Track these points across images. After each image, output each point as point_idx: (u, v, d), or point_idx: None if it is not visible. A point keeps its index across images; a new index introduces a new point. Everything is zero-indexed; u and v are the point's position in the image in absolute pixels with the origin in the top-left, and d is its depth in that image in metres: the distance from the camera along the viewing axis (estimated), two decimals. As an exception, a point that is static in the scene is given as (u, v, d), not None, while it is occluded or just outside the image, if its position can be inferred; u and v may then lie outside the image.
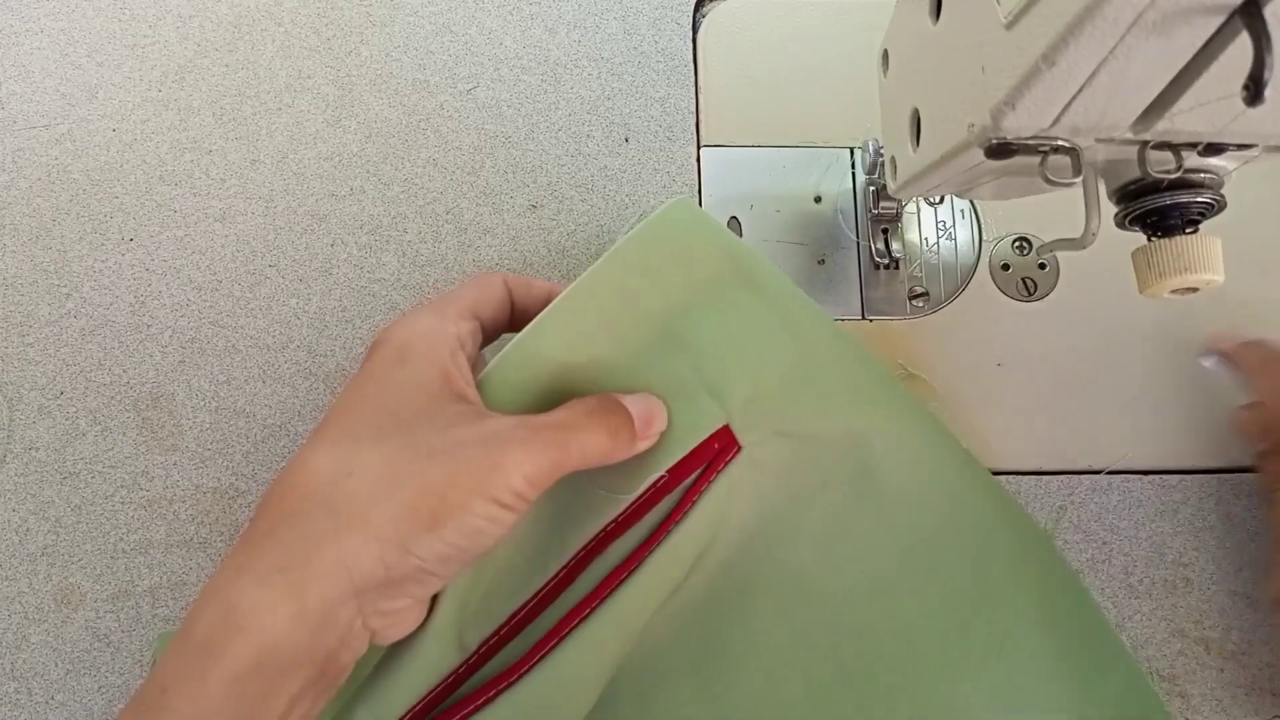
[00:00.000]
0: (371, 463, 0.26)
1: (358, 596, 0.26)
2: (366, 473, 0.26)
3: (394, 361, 0.29)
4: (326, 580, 0.25)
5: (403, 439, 0.27)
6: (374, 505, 0.26)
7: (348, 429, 0.28)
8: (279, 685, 0.25)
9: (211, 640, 0.24)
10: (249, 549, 0.26)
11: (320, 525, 0.26)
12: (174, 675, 0.24)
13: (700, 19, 0.47)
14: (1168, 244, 0.25)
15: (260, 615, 0.24)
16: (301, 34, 0.46)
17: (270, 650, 0.24)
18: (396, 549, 0.25)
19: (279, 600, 0.25)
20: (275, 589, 0.25)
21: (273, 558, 0.25)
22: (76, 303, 0.42)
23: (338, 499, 0.26)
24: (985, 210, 0.44)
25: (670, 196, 0.44)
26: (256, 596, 0.25)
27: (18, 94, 0.44)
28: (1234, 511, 0.40)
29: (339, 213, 0.43)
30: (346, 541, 0.25)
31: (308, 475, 0.27)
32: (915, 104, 0.30)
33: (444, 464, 0.26)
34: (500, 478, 0.26)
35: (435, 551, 0.26)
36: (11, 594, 0.38)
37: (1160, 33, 0.19)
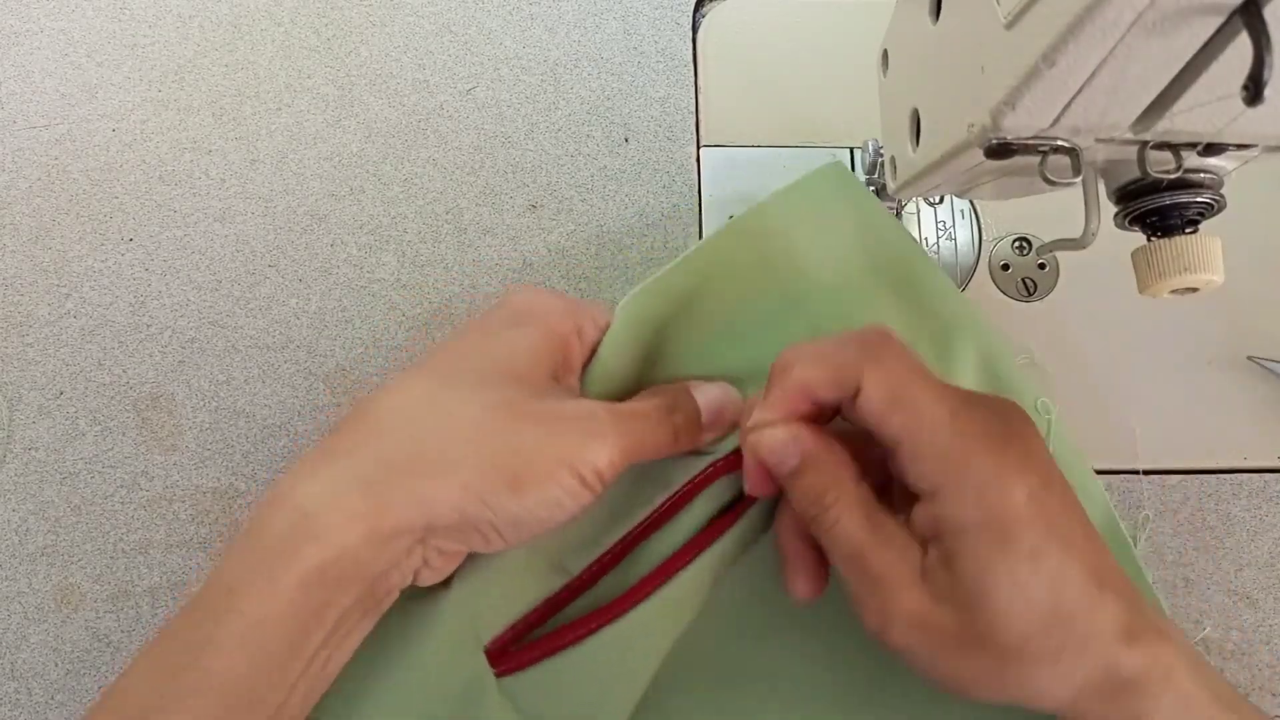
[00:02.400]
0: (469, 409, 0.27)
1: (425, 531, 0.26)
2: (463, 418, 0.27)
3: (509, 321, 0.30)
4: (404, 508, 0.25)
5: (503, 394, 0.28)
6: (465, 452, 0.26)
7: (451, 370, 0.28)
8: (336, 597, 0.25)
9: (284, 544, 0.25)
10: (329, 459, 0.26)
11: (408, 454, 0.26)
12: (242, 575, 0.25)
13: (700, 19, 0.47)
14: (1167, 244, 0.25)
15: (335, 526, 0.25)
16: (301, 34, 0.46)
17: (337, 561, 0.25)
18: (476, 500, 0.26)
19: (355, 516, 0.25)
20: (353, 504, 0.25)
21: (355, 473, 0.26)
22: (76, 303, 0.42)
23: (431, 436, 0.26)
24: (985, 210, 0.44)
25: (670, 196, 0.44)
26: (333, 508, 0.25)
27: (18, 94, 0.44)
28: (1234, 511, 0.40)
29: (339, 213, 0.43)
30: (431, 479, 0.26)
31: (405, 402, 0.27)
32: (915, 104, 0.30)
33: (538, 430, 0.27)
34: (589, 455, 0.27)
35: (510, 512, 0.26)
36: (11, 594, 0.38)
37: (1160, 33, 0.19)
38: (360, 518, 0.25)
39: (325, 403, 0.41)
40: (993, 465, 0.25)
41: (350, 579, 0.25)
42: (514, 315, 0.31)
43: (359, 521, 0.25)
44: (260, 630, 0.24)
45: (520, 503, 0.26)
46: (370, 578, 0.26)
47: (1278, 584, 0.39)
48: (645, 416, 0.30)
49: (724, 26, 0.47)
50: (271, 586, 0.24)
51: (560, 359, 0.31)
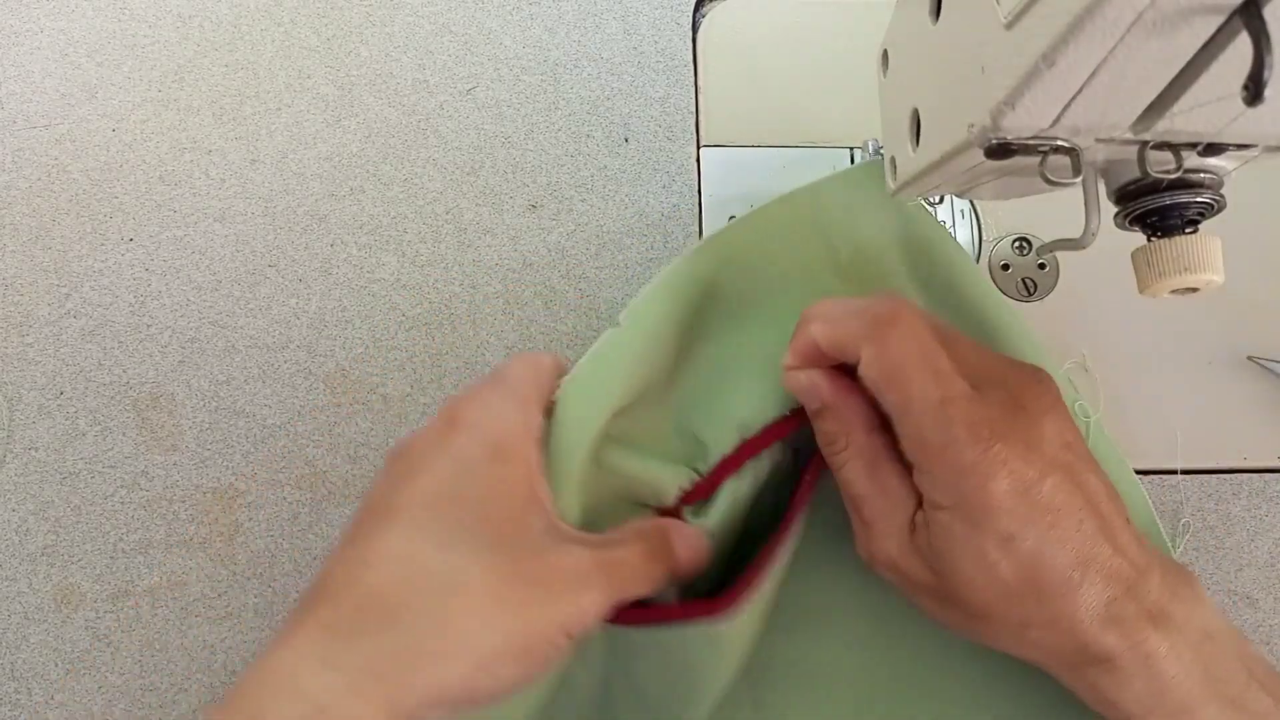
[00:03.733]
0: (475, 576, 0.26)
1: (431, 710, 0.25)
2: (470, 591, 0.26)
3: (487, 458, 0.29)
4: (420, 697, 0.25)
5: (503, 555, 0.27)
6: (483, 633, 0.26)
7: (446, 522, 0.27)
8: None
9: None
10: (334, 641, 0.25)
11: (420, 637, 0.25)
12: None
13: (700, 19, 0.47)
14: (1167, 244, 0.25)
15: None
16: (301, 34, 0.46)
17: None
18: (488, 677, 0.26)
19: (375, 713, 0.24)
20: (371, 700, 0.24)
21: (368, 658, 0.25)
22: (76, 303, 0.42)
23: (441, 612, 0.26)
24: (985, 210, 0.44)
25: (670, 196, 0.44)
26: (350, 703, 0.24)
27: (18, 94, 0.44)
28: (1234, 511, 0.40)
29: (339, 213, 0.43)
30: (445, 663, 0.25)
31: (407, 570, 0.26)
32: (915, 104, 0.30)
33: (542, 596, 0.27)
34: (579, 615, 0.27)
35: (513, 678, 0.26)
36: (11, 594, 0.38)
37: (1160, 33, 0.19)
38: (380, 711, 0.24)
39: (325, 403, 0.41)
40: (973, 455, 0.26)
41: None
42: (490, 450, 0.29)
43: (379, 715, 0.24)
44: None
45: (524, 669, 0.26)
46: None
47: (1278, 584, 0.39)
48: (630, 567, 0.29)
49: (724, 26, 0.47)
50: None
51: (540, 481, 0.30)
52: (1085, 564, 0.26)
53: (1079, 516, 0.27)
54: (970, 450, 0.26)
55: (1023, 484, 0.26)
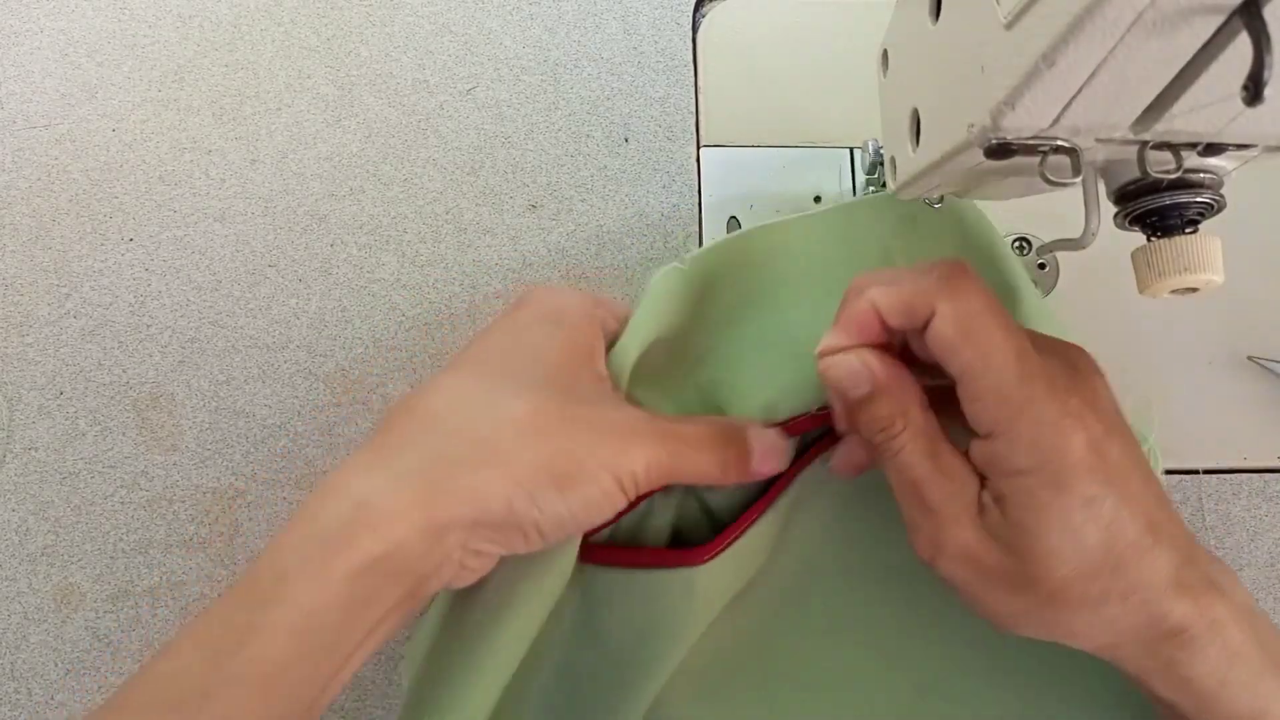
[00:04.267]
0: (520, 407, 0.27)
1: (473, 528, 0.26)
2: (514, 414, 0.27)
3: (548, 319, 0.31)
4: (458, 501, 0.25)
5: (551, 393, 0.28)
6: (517, 449, 0.26)
7: (499, 366, 0.29)
8: (384, 592, 0.25)
9: (339, 532, 0.24)
10: (383, 452, 0.26)
11: (461, 448, 0.26)
12: (294, 562, 0.24)
13: (700, 19, 0.47)
14: (1167, 244, 0.25)
15: (392, 516, 0.25)
16: (301, 34, 0.46)
17: (391, 554, 0.25)
18: (525, 497, 0.26)
19: (412, 506, 0.25)
20: (410, 495, 0.25)
21: (411, 465, 0.26)
22: (76, 303, 0.42)
23: (483, 431, 0.27)
24: (985, 210, 0.44)
25: (670, 196, 0.44)
26: (392, 497, 0.25)
27: (18, 94, 0.44)
28: (1234, 511, 0.40)
29: (339, 213, 0.43)
30: (485, 473, 0.26)
31: (456, 398, 0.28)
32: (915, 104, 0.30)
33: (585, 431, 0.27)
34: (628, 462, 0.27)
35: (555, 510, 0.27)
36: (11, 594, 0.38)
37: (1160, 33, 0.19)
38: (417, 507, 0.25)
39: (325, 402, 0.41)
40: (1054, 411, 0.25)
41: (401, 573, 0.25)
42: (551, 313, 0.31)
43: (415, 511, 0.25)
44: (310, 620, 0.24)
45: (564, 501, 0.27)
46: (417, 575, 0.26)
47: (1278, 584, 0.39)
48: (691, 439, 0.30)
49: (724, 26, 0.47)
50: (324, 575, 0.24)
51: (591, 355, 0.31)
52: (1155, 529, 0.26)
53: (1143, 479, 0.26)
54: (1050, 405, 0.25)
55: (1096, 442, 0.26)
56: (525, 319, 0.31)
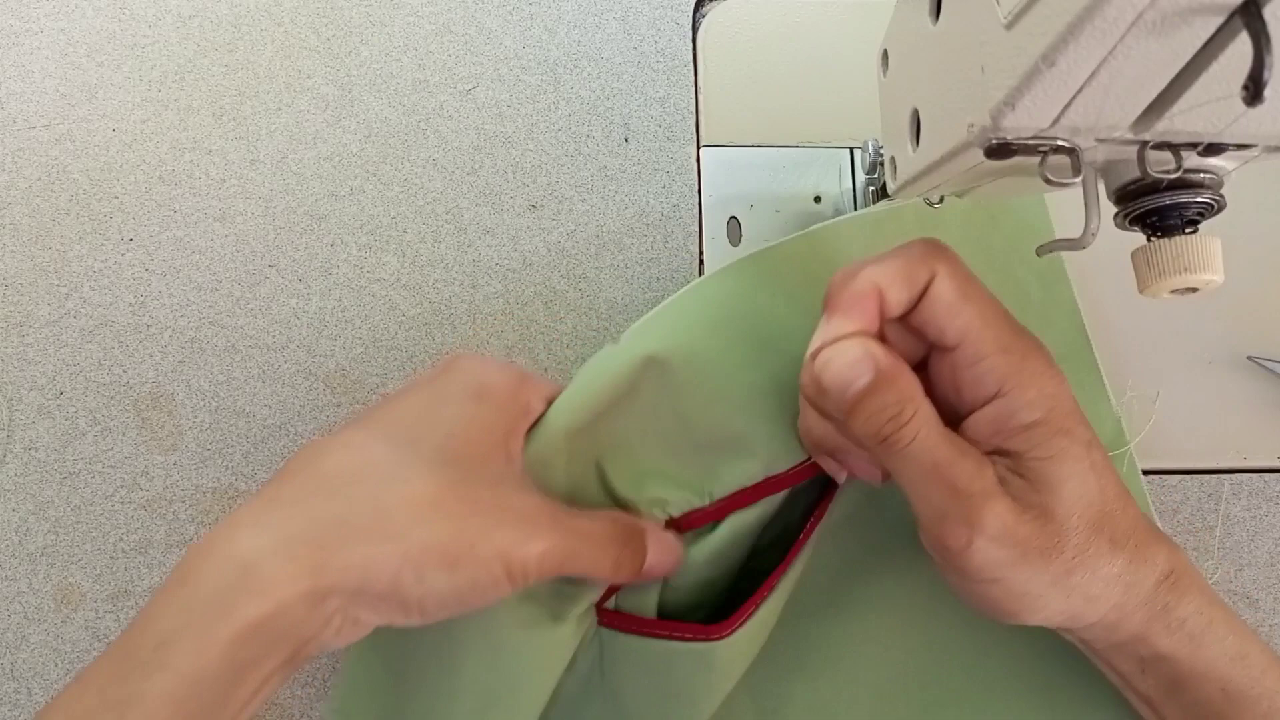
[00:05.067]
0: (423, 482, 0.27)
1: (356, 597, 0.26)
2: (416, 490, 0.26)
3: (469, 395, 0.30)
4: (345, 571, 0.25)
5: (457, 472, 0.27)
6: (413, 525, 0.26)
7: (409, 435, 0.28)
8: (267, 656, 0.24)
9: (221, 596, 0.24)
10: (271, 509, 0.26)
11: (357, 518, 0.26)
12: (173, 628, 0.23)
13: (700, 19, 0.47)
14: (1167, 244, 0.25)
15: (276, 580, 0.24)
16: (301, 34, 0.46)
17: (274, 618, 0.24)
18: (413, 574, 0.26)
19: (299, 574, 0.24)
20: (297, 560, 0.24)
21: (300, 526, 0.25)
22: (76, 303, 0.42)
23: (380, 500, 0.26)
24: (985, 210, 0.44)
25: (670, 196, 0.44)
26: (278, 562, 0.24)
27: (18, 94, 0.44)
28: (1234, 511, 0.40)
29: (339, 213, 0.43)
30: (377, 547, 0.25)
31: (360, 462, 0.27)
32: (915, 104, 0.30)
33: (485, 515, 0.27)
34: (522, 552, 0.27)
35: (439, 590, 0.26)
36: (11, 594, 0.38)
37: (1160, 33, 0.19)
38: (302, 575, 0.24)
39: (325, 402, 0.41)
40: (1046, 361, 0.27)
41: (282, 638, 0.24)
42: (466, 387, 0.30)
43: (301, 579, 0.24)
44: (191, 688, 0.23)
45: (450, 581, 0.26)
46: (300, 638, 0.25)
47: (1278, 584, 0.39)
48: (588, 535, 0.29)
49: (724, 26, 0.47)
50: (205, 641, 0.23)
51: (507, 436, 0.30)
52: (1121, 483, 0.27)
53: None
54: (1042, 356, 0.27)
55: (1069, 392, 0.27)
56: (448, 390, 0.30)
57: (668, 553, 0.32)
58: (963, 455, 0.26)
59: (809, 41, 0.46)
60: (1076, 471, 0.26)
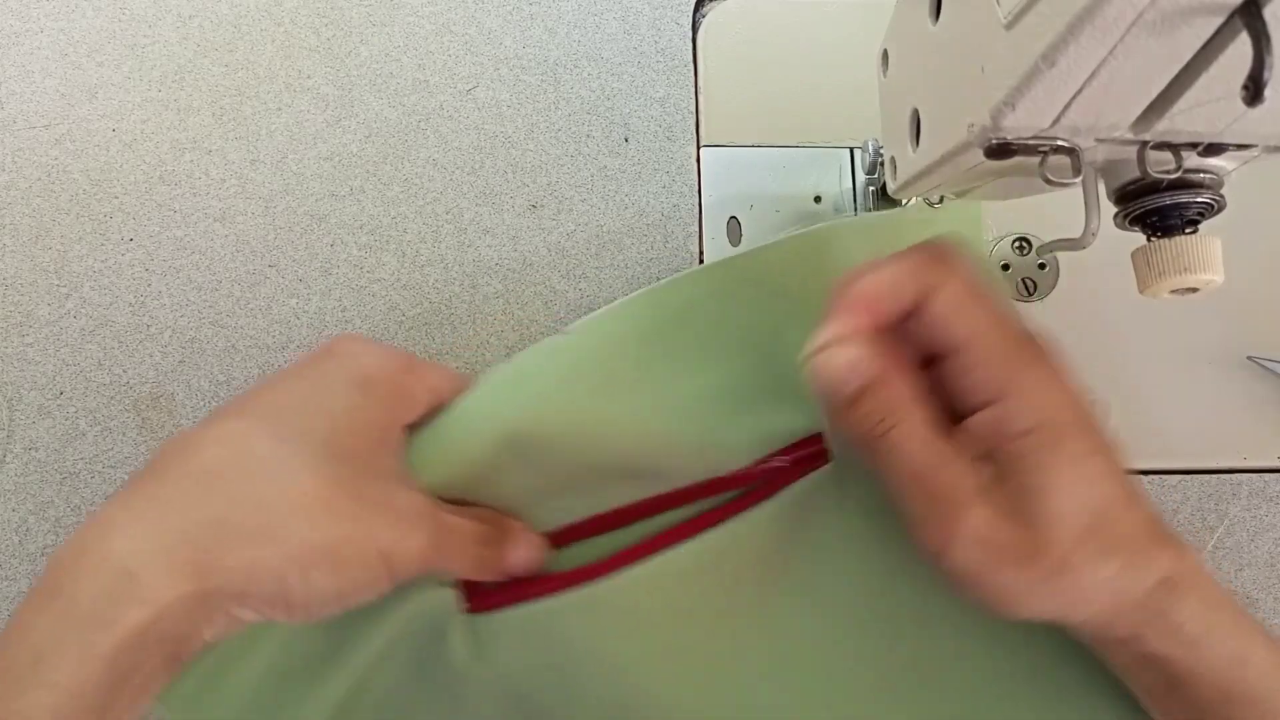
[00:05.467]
0: (308, 481, 0.26)
1: (240, 598, 0.25)
2: (302, 489, 0.26)
3: (353, 383, 0.29)
4: (228, 574, 0.25)
5: (348, 470, 0.27)
6: (299, 526, 0.25)
7: (293, 426, 0.27)
8: (148, 661, 0.24)
9: (102, 606, 0.23)
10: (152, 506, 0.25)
11: (240, 518, 0.25)
12: (52, 641, 0.23)
13: (700, 19, 0.47)
14: (1167, 244, 0.25)
15: (160, 589, 0.23)
16: (301, 34, 0.46)
17: (154, 623, 0.23)
18: (299, 575, 0.25)
19: (181, 579, 0.24)
20: (179, 566, 0.24)
21: (182, 528, 0.24)
22: (76, 303, 0.42)
23: (264, 500, 0.26)
24: (985, 210, 0.44)
25: (670, 196, 0.44)
26: (159, 568, 0.24)
27: (18, 94, 0.44)
28: (1234, 511, 0.40)
29: (339, 213, 0.43)
30: (259, 547, 0.25)
31: (240, 455, 0.26)
32: (915, 104, 0.30)
33: (370, 514, 0.27)
34: (402, 549, 0.27)
35: (323, 589, 0.26)
36: (11, 594, 0.38)
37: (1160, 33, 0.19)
38: (186, 580, 0.24)
39: (325, 403, 0.41)
40: (1046, 371, 0.27)
41: (163, 641, 0.24)
42: (349, 374, 0.30)
43: (183, 585, 0.24)
44: (72, 702, 0.23)
45: (334, 581, 0.26)
46: (180, 639, 0.25)
47: (1278, 584, 0.39)
48: (461, 534, 0.30)
49: (724, 26, 0.47)
50: (86, 654, 0.23)
51: (389, 429, 0.30)
52: (1132, 483, 0.27)
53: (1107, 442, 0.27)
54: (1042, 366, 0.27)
55: (1076, 401, 0.27)
56: (329, 376, 0.29)
57: (529, 553, 0.32)
58: (944, 463, 0.27)
59: (809, 41, 0.46)
60: (1067, 481, 0.26)
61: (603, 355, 0.34)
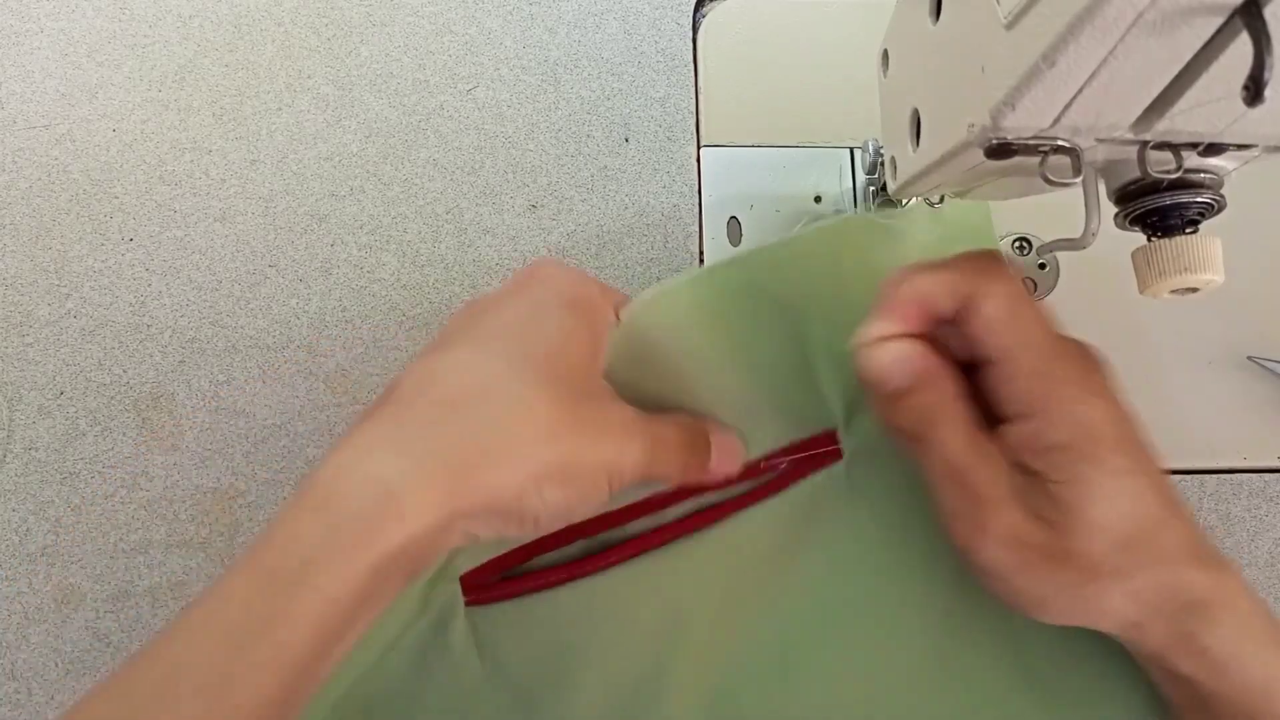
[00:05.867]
0: (542, 404, 0.27)
1: (479, 517, 0.27)
2: (536, 411, 0.27)
3: (564, 305, 0.31)
4: (475, 494, 0.26)
5: (569, 391, 0.28)
6: (536, 446, 0.27)
7: (520, 352, 0.28)
8: (397, 574, 0.25)
9: (366, 520, 0.24)
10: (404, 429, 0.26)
11: (488, 439, 0.26)
12: (319, 547, 0.24)
13: (700, 19, 0.47)
14: (1168, 244, 0.25)
15: (420, 509, 0.25)
16: (301, 34, 0.46)
17: (411, 544, 0.25)
18: (535, 491, 0.27)
19: (439, 500, 0.25)
20: (436, 487, 0.25)
21: (436, 451, 0.26)
22: (76, 303, 0.42)
23: (506, 423, 0.27)
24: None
25: (670, 196, 0.44)
26: (419, 488, 0.25)
27: (18, 94, 0.44)
28: (1234, 511, 0.40)
29: (339, 213, 0.43)
30: (506, 469, 0.26)
31: (479, 381, 0.27)
32: (915, 104, 0.30)
33: (594, 431, 0.28)
34: (621, 461, 0.28)
35: (555, 504, 0.27)
36: (11, 594, 0.38)
37: (1160, 33, 0.19)
38: (441, 501, 0.25)
39: (325, 402, 0.41)
40: (1084, 389, 0.27)
41: (413, 562, 0.25)
42: (559, 297, 0.31)
43: (440, 506, 0.25)
44: (334, 609, 0.24)
45: (564, 494, 0.27)
46: (426, 559, 0.26)
47: (1278, 584, 0.39)
48: (668, 440, 0.31)
49: (724, 26, 0.47)
50: (351, 564, 0.24)
51: (599, 350, 0.32)
52: (1174, 502, 0.27)
53: (1150, 458, 0.28)
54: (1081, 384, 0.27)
55: (1118, 419, 0.27)
56: (542, 299, 0.31)
57: (729, 456, 0.33)
58: (982, 461, 0.27)
59: (809, 41, 0.46)
60: (1103, 494, 0.26)
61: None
